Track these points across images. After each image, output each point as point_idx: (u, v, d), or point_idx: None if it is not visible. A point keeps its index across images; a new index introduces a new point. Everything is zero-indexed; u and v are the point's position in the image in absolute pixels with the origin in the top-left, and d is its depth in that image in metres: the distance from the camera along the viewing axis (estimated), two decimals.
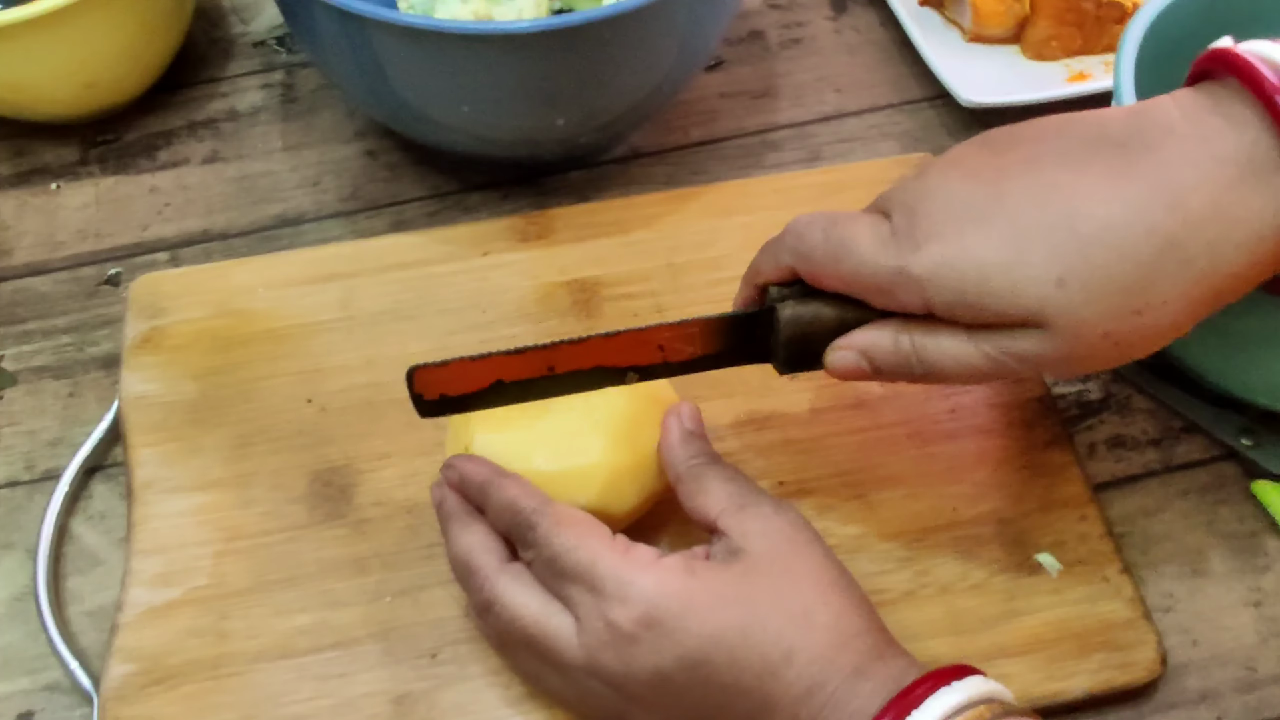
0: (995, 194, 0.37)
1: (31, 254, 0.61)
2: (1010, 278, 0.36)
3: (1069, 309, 0.36)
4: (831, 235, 0.40)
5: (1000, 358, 0.38)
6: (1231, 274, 0.36)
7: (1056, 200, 0.36)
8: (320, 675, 0.46)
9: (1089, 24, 0.65)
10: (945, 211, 0.38)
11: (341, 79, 0.57)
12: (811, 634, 0.38)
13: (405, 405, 0.52)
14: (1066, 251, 0.35)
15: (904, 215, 0.39)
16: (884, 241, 0.39)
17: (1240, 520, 0.51)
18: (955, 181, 0.38)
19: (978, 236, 0.37)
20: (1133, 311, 0.36)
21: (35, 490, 0.53)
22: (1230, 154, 0.36)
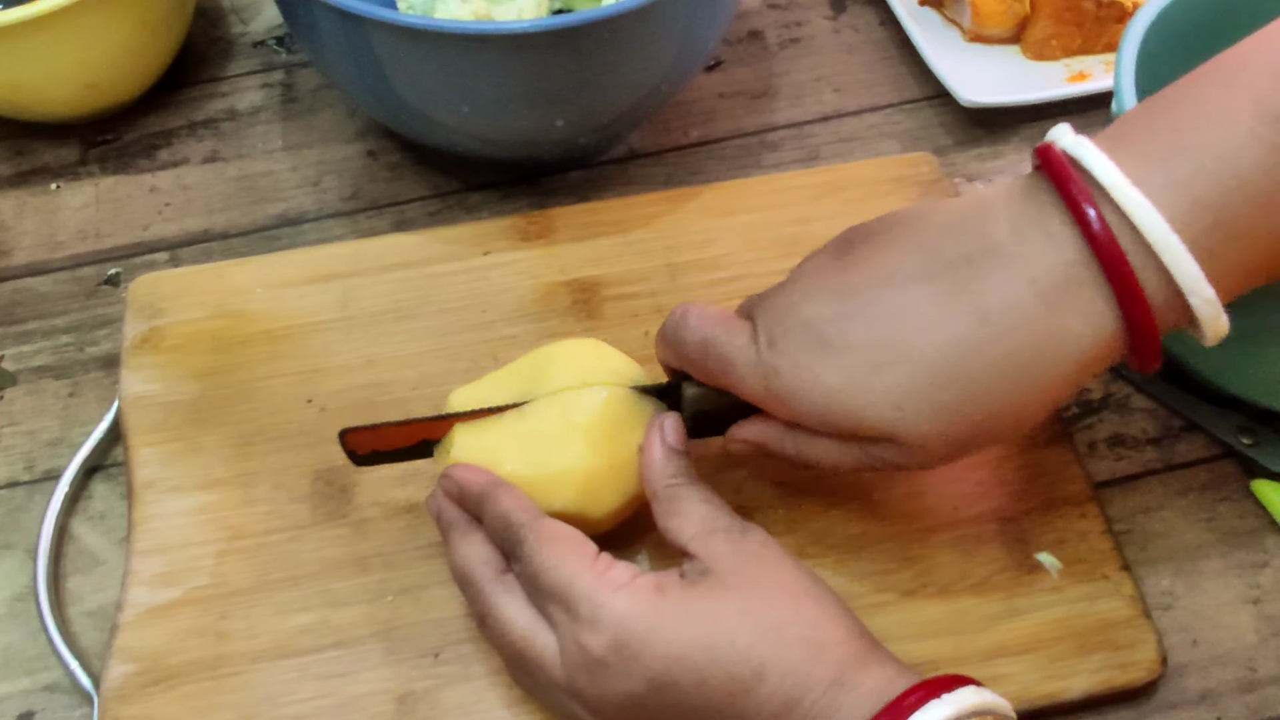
0: (839, 317, 0.39)
1: (31, 254, 0.61)
2: (856, 404, 0.39)
3: (912, 428, 0.38)
4: (709, 353, 0.42)
5: (869, 460, 0.41)
6: (1057, 383, 0.38)
7: (892, 326, 0.38)
8: (322, 675, 0.46)
9: (1089, 24, 0.65)
10: (796, 337, 0.40)
11: (341, 79, 0.57)
12: (784, 648, 0.38)
13: (405, 405, 0.53)
14: (900, 381, 0.38)
15: (765, 336, 0.41)
16: (752, 363, 0.41)
17: (1240, 518, 0.51)
18: (805, 303, 0.40)
19: (824, 365, 0.39)
20: (969, 424, 0.38)
21: (35, 490, 0.53)
22: (1046, 274, 0.37)
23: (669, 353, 0.45)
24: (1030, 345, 0.37)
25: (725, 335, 0.42)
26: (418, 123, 0.57)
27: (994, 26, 0.67)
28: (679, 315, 0.44)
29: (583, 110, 0.55)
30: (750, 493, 0.50)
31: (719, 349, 0.42)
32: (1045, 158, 0.38)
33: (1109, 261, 0.36)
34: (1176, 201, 0.35)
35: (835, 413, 0.39)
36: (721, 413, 0.44)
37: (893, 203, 0.59)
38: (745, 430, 0.44)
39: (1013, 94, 0.64)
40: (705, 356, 0.42)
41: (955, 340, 0.37)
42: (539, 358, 0.47)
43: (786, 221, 0.58)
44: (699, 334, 0.43)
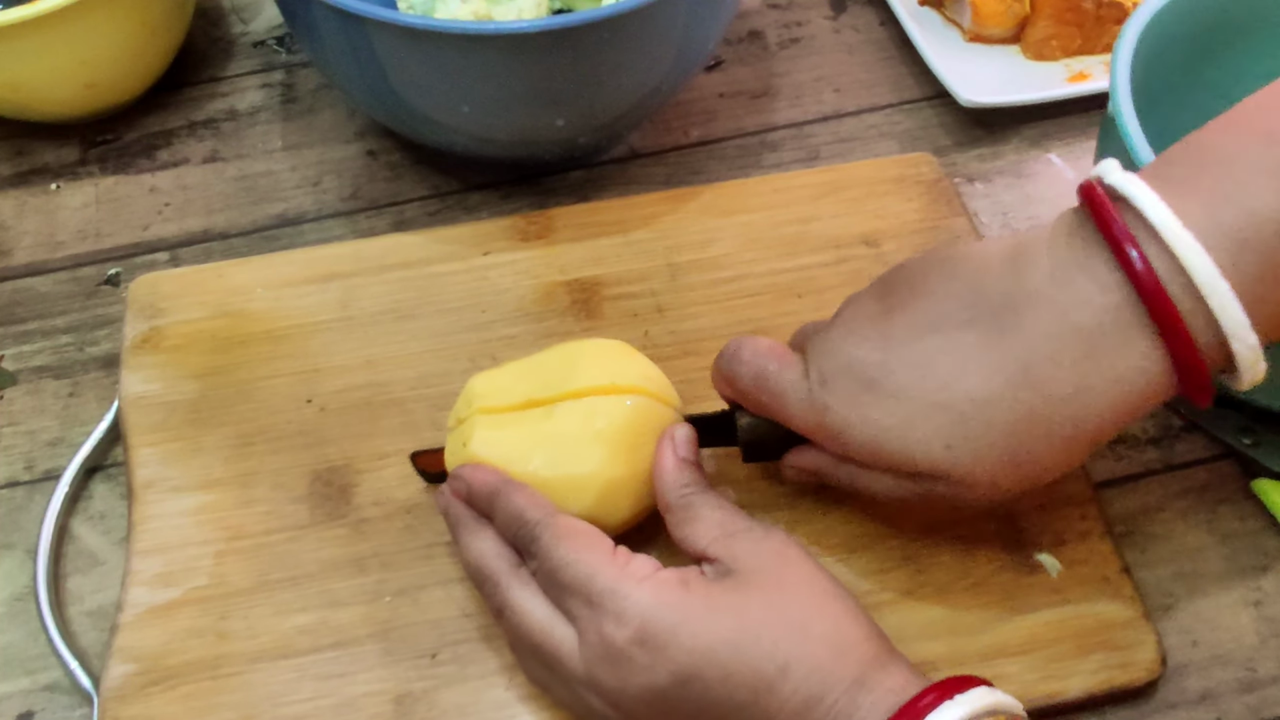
0: (883, 362, 0.40)
1: (31, 254, 0.61)
2: (904, 443, 0.40)
3: (960, 467, 0.39)
4: (762, 386, 0.43)
5: (922, 494, 0.41)
6: (1099, 428, 0.38)
7: (934, 372, 0.39)
8: (320, 675, 0.46)
9: (1089, 24, 0.65)
10: (844, 377, 0.41)
11: (341, 79, 0.57)
12: (808, 645, 0.38)
13: (405, 405, 0.52)
14: (945, 424, 0.39)
15: (815, 374, 0.42)
16: (803, 395, 0.42)
17: (1240, 519, 0.51)
18: (851, 346, 0.41)
19: (873, 406, 0.40)
20: (1015, 466, 0.39)
21: (35, 490, 0.53)
22: (1090, 321, 0.37)
23: (723, 384, 0.46)
24: (1073, 391, 0.37)
25: (777, 369, 0.43)
26: (418, 123, 0.57)
27: (994, 26, 0.67)
28: (733, 348, 0.45)
29: (583, 110, 0.55)
30: (751, 493, 0.50)
31: (771, 383, 0.43)
32: (1089, 196, 0.38)
33: (1155, 305, 0.36)
34: (1224, 245, 0.35)
35: (886, 451, 0.40)
36: (775, 441, 0.45)
37: (892, 203, 0.59)
38: (800, 459, 0.45)
39: (1013, 94, 0.64)
40: (759, 390, 0.43)
41: (998, 388, 0.38)
42: (565, 354, 0.47)
43: (787, 221, 0.58)
44: (752, 368, 0.44)
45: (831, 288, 0.56)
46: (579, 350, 0.47)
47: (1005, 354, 0.38)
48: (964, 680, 0.37)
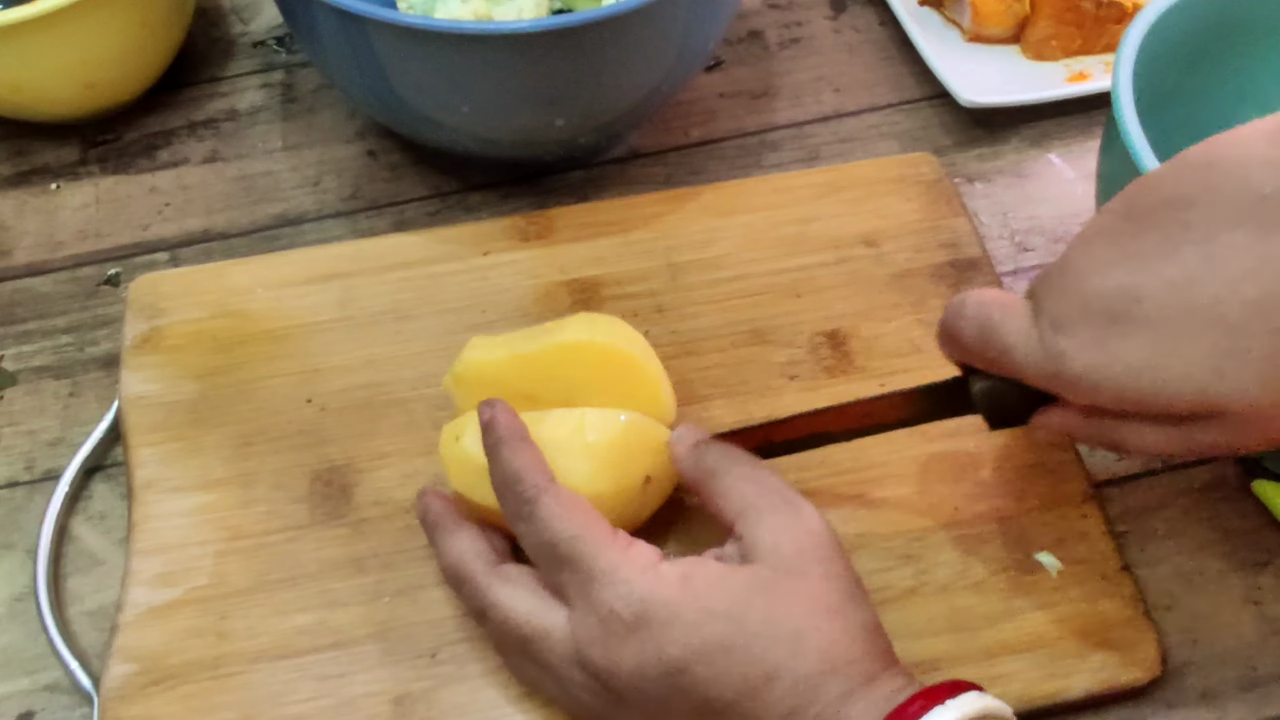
0: (1132, 287, 0.35)
1: (31, 254, 0.61)
2: (1165, 379, 0.35)
3: (1238, 393, 0.34)
4: (987, 340, 0.39)
5: (1193, 445, 0.37)
6: None
7: (1199, 287, 0.34)
8: (320, 675, 0.46)
9: (1089, 24, 0.65)
10: (1084, 313, 0.36)
11: (341, 79, 0.57)
12: (799, 658, 0.38)
13: (405, 405, 0.52)
14: (1219, 342, 0.34)
15: (1046, 319, 0.37)
16: (1034, 344, 0.38)
17: (1241, 518, 0.51)
18: (1090, 276, 0.36)
19: (1120, 339, 0.35)
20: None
21: (35, 490, 0.53)
22: None
23: (949, 344, 0.42)
24: None
25: (1001, 319, 0.39)
26: (418, 123, 0.57)
27: (994, 26, 0.67)
28: (956, 304, 0.41)
29: (583, 110, 0.55)
30: None
31: (996, 335, 0.39)
32: None
33: None
34: None
35: (1142, 392, 0.35)
36: (1017, 402, 0.41)
37: (892, 203, 0.59)
38: (1048, 419, 0.41)
39: (1013, 94, 0.64)
40: (984, 345, 0.39)
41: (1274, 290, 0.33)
42: (569, 350, 0.47)
43: (787, 221, 0.58)
44: (975, 321, 0.40)
45: (831, 288, 0.56)
46: (584, 348, 0.47)
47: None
48: (954, 685, 0.37)
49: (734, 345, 0.54)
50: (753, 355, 0.54)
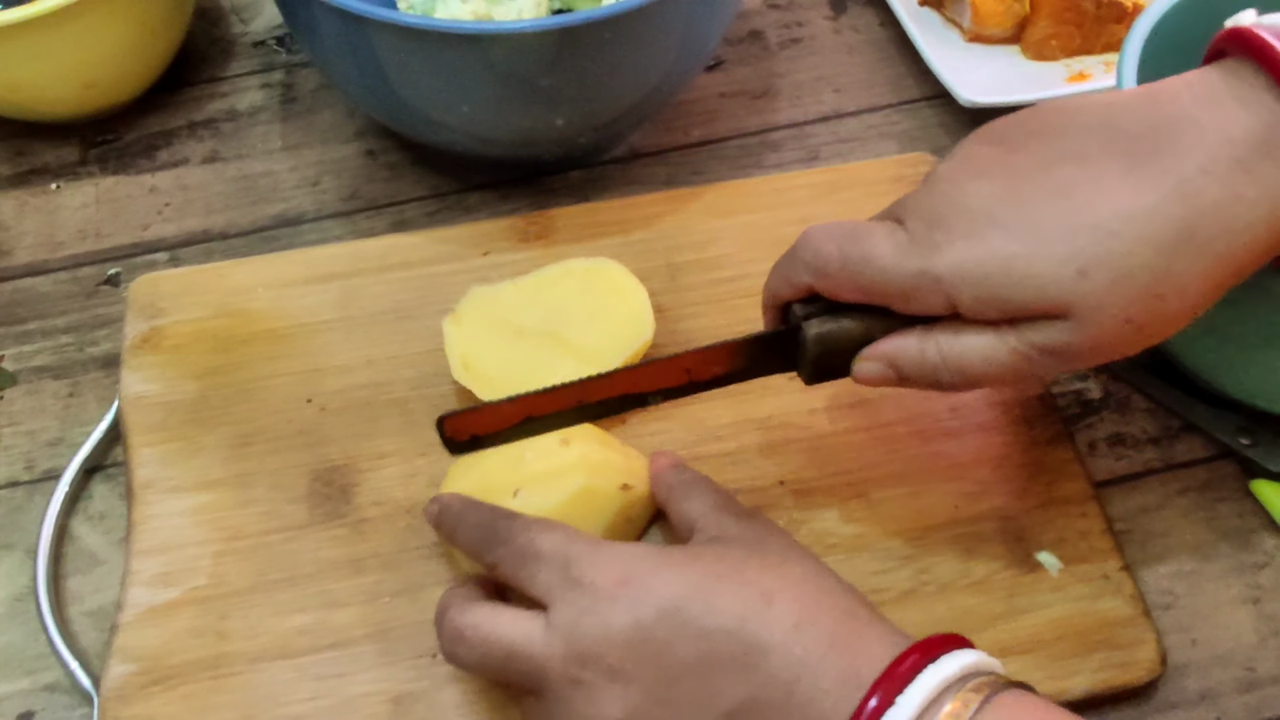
0: (1012, 194, 0.38)
1: (31, 254, 0.61)
2: (1033, 269, 0.37)
3: (1092, 297, 0.36)
4: (848, 249, 0.40)
5: (1027, 351, 0.38)
6: (1248, 251, 0.37)
7: (1073, 196, 0.37)
8: (319, 675, 0.45)
9: (1089, 24, 0.65)
10: (963, 213, 0.38)
11: (341, 79, 0.57)
12: (788, 579, 0.38)
13: (405, 405, 0.52)
14: (1087, 244, 0.36)
15: (920, 220, 0.39)
16: (902, 248, 0.39)
17: (1239, 518, 0.51)
18: (970, 183, 0.39)
19: (998, 234, 0.37)
20: (1154, 296, 0.37)
21: (35, 490, 0.53)
22: (1243, 135, 0.36)
23: (792, 269, 0.42)
24: (1227, 210, 0.36)
25: (865, 230, 0.40)
26: (418, 123, 0.57)
27: (994, 26, 0.67)
28: (807, 231, 0.42)
29: (583, 110, 0.55)
30: (751, 493, 0.50)
31: (859, 241, 0.40)
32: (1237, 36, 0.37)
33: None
34: None
35: (1010, 281, 0.37)
36: (846, 348, 0.42)
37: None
38: (880, 348, 0.42)
39: (1013, 94, 0.64)
40: (844, 254, 0.40)
41: (1146, 203, 0.36)
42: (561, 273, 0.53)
43: (787, 222, 0.58)
44: (833, 238, 0.41)
45: None
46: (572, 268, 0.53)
47: (1155, 171, 0.36)
48: (944, 639, 0.37)
49: None
50: None
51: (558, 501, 0.45)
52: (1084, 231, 0.36)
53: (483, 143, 0.58)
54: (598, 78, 0.53)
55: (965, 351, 0.39)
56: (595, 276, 0.53)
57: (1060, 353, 0.38)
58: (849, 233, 0.41)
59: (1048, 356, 0.38)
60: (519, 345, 0.51)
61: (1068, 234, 0.36)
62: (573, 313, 0.52)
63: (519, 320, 0.52)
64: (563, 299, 0.52)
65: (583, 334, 0.51)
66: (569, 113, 0.55)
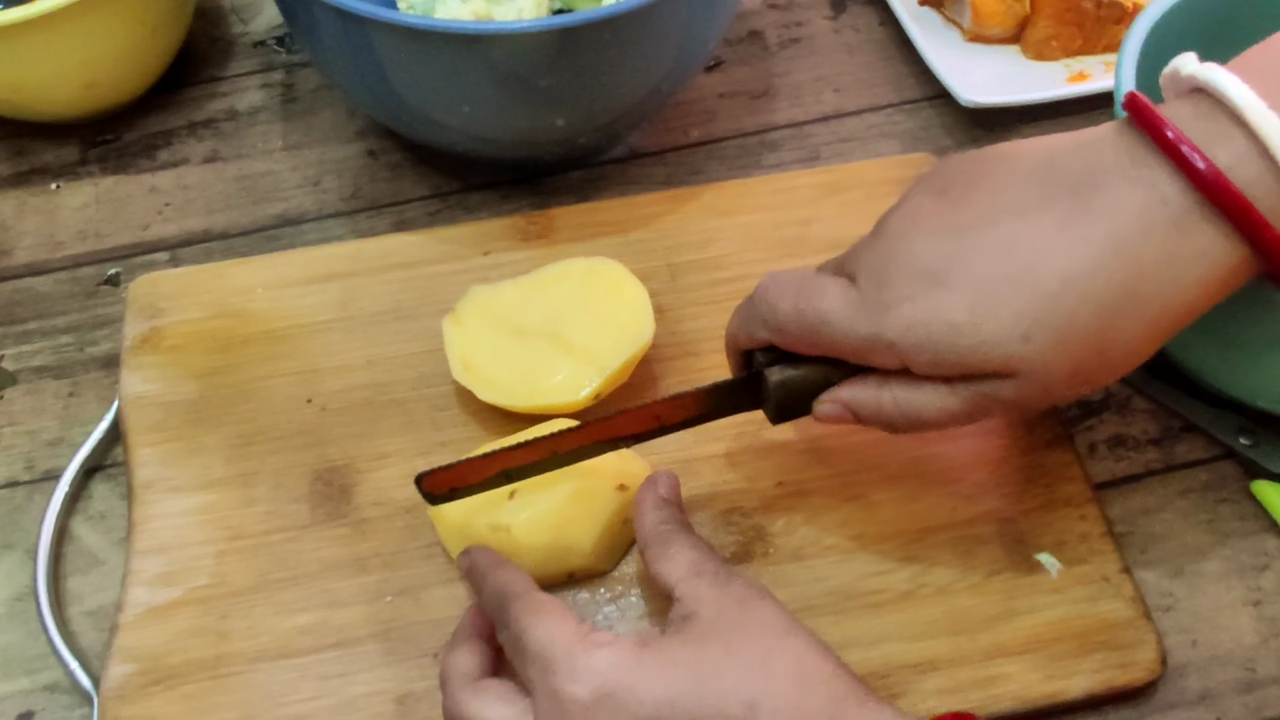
0: (955, 252, 0.38)
1: (31, 254, 0.61)
2: (978, 336, 0.37)
3: (1038, 358, 0.37)
4: (802, 309, 0.41)
5: (979, 403, 0.39)
6: (1186, 307, 0.38)
7: (1015, 255, 0.37)
8: (321, 675, 0.46)
9: (1089, 24, 0.65)
10: (908, 273, 0.39)
11: (341, 79, 0.57)
12: (772, 682, 0.37)
13: (405, 405, 0.52)
14: (1029, 307, 0.37)
15: (869, 280, 0.40)
16: (854, 309, 0.40)
17: (1240, 519, 0.51)
18: (914, 241, 0.39)
19: (943, 297, 0.38)
20: (1097, 353, 0.38)
21: (35, 490, 0.53)
22: (1179, 198, 0.36)
23: (751, 323, 0.43)
24: (1164, 266, 0.36)
25: (819, 289, 0.41)
26: (418, 123, 0.57)
27: (994, 26, 0.67)
28: (762, 286, 0.43)
29: (583, 110, 0.55)
30: (751, 494, 0.50)
31: (815, 302, 0.41)
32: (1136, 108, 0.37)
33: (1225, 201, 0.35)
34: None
35: (958, 346, 0.38)
36: (808, 391, 0.43)
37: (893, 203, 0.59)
38: (839, 393, 0.42)
39: (1013, 94, 0.64)
40: (800, 314, 0.41)
41: (1089, 263, 0.36)
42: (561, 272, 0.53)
43: (787, 222, 0.58)
44: (789, 296, 0.41)
45: None
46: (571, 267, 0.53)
47: (1092, 229, 0.37)
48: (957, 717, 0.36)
49: None
50: None
51: (554, 504, 0.45)
52: (1026, 294, 0.37)
53: (483, 143, 0.58)
54: (598, 78, 0.53)
55: (920, 403, 0.40)
56: (595, 276, 0.53)
57: (1010, 404, 0.39)
58: (803, 290, 0.41)
59: (998, 406, 0.39)
60: (519, 345, 0.51)
61: (1010, 296, 0.37)
62: (573, 313, 0.52)
63: (519, 320, 0.52)
64: (563, 299, 0.52)
65: (583, 334, 0.51)
66: (569, 113, 0.55)
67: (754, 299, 0.43)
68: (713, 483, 0.50)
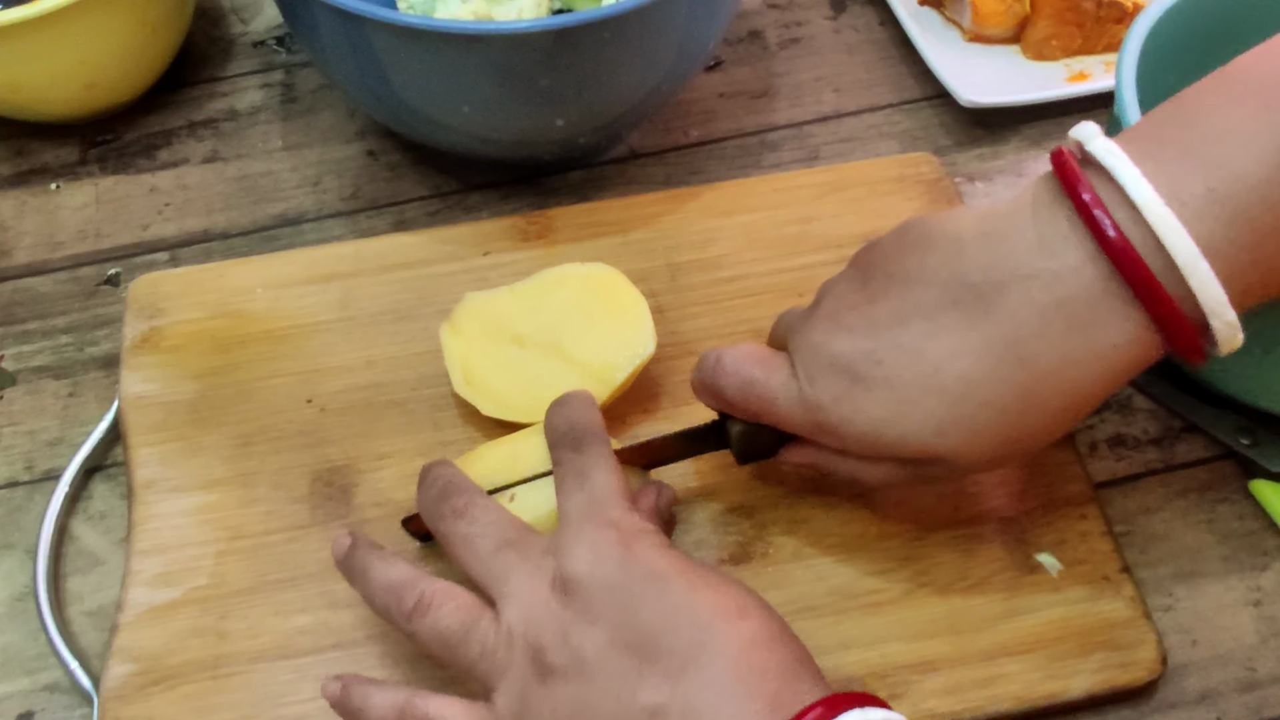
0: (870, 354, 0.40)
1: (31, 254, 0.61)
2: (898, 431, 0.40)
3: (955, 450, 0.40)
4: (750, 395, 0.43)
5: (920, 477, 0.42)
6: (1090, 395, 0.39)
7: (924, 357, 0.39)
8: (321, 675, 0.45)
9: (1089, 24, 0.65)
10: (831, 373, 0.41)
11: (341, 79, 0.57)
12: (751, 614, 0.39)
13: (405, 405, 0.52)
14: (939, 409, 0.39)
15: (803, 372, 0.42)
16: (794, 399, 0.42)
17: (1240, 519, 0.51)
18: (837, 339, 0.41)
19: (864, 398, 0.40)
20: (1008, 442, 0.40)
21: (35, 490, 0.53)
22: (1077, 295, 0.37)
23: (707, 396, 0.46)
24: (1063, 364, 0.38)
25: (764, 375, 0.43)
26: (418, 123, 0.57)
27: (994, 26, 0.67)
28: (712, 361, 0.45)
29: (583, 110, 0.55)
30: (751, 494, 0.50)
31: (759, 390, 0.43)
32: (1061, 168, 0.38)
33: (1135, 278, 0.36)
34: (1208, 213, 0.35)
35: (882, 441, 0.40)
36: (769, 441, 0.45)
37: (893, 203, 0.59)
38: (796, 455, 0.45)
39: (1013, 94, 0.64)
40: (746, 399, 0.44)
41: (988, 368, 0.38)
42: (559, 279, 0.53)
43: (787, 221, 0.58)
44: (736, 379, 0.44)
45: None
46: (570, 274, 0.52)
47: (992, 333, 0.38)
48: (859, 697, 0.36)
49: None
50: None
51: (553, 506, 0.45)
52: (935, 397, 0.39)
53: (483, 143, 0.58)
54: (597, 78, 0.53)
55: (869, 474, 0.43)
56: (593, 284, 0.52)
57: (947, 479, 0.43)
58: (748, 380, 0.43)
59: (939, 481, 0.44)
60: (520, 357, 0.51)
61: (922, 398, 0.39)
62: (572, 322, 0.51)
63: (517, 329, 0.52)
64: (561, 307, 0.52)
65: (584, 348, 0.50)
66: (569, 113, 0.55)
67: (701, 372, 0.45)
68: (713, 482, 0.50)
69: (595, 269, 0.53)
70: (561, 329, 0.51)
